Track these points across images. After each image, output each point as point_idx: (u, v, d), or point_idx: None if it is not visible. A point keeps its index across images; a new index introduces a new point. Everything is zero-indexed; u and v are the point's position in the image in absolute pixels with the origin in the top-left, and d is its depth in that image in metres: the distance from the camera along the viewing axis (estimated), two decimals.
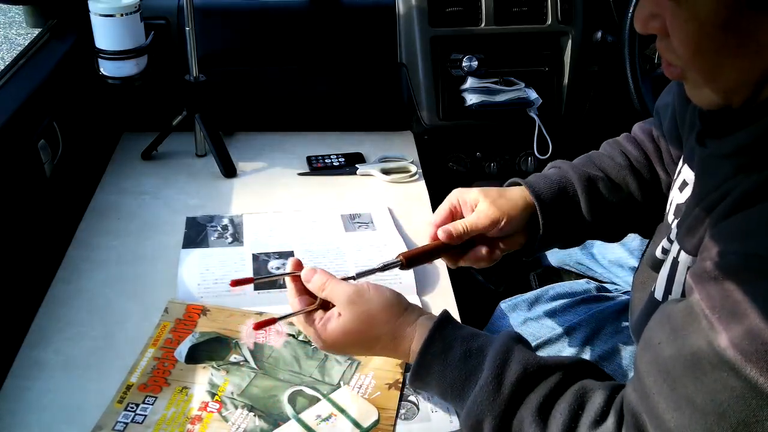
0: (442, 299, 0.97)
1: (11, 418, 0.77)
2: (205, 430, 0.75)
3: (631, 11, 1.33)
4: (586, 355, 0.97)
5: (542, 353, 0.99)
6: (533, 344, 1.01)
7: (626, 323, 0.98)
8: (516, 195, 0.87)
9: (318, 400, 0.80)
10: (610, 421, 0.60)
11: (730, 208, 0.57)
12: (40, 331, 0.89)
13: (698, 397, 0.51)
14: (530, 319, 1.04)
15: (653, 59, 1.44)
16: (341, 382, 0.82)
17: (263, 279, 0.94)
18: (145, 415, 0.76)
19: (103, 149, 1.31)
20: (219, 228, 1.08)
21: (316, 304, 0.77)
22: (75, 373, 0.83)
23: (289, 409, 0.78)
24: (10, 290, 0.91)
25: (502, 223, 0.84)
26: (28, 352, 0.86)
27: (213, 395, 0.79)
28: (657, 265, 0.75)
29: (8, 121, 0.95)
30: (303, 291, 0.78)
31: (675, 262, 0.68)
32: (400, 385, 0.82)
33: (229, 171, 1.25)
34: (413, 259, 0.83)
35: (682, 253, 0.66)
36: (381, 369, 0.84)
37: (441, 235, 0.84)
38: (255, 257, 1.01)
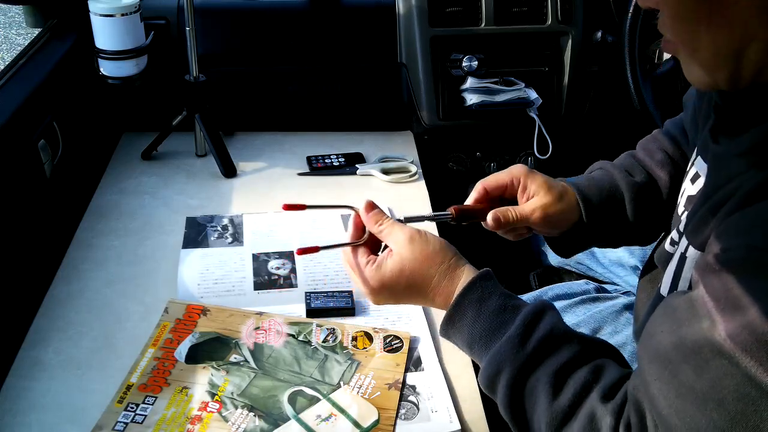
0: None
1: (11, 418, 0.77)
2: (205, 430, 0.75)
3: (631, 11, 1.33)
4: None
5: None
6: None
7: (625, 323, 0.98)
8: (572, 204, 0.86)
9: (318, 400, 0.80)
10: (619, 398, 0.61)
11: (737, 205, 0.58)
12: (40, 331, 0.89)
13: (698, 385, 0.52)
14: None
15: (653, 59, 1.44)
16: (341, 382, 0.82)
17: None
18: (145, 415, 0.76)
19: (103, 149, 1.31)
20: (219, 228, 1.08)
21: (363, 239, 0.76)
22: (75, 373, 0.83)
23: (289, 409, 0.78)
24: (10, 290, 0.91)
25: (552, 226, 0.85)
26: (28, 352, 0.86)
27: (213, 395, 0.79)
28: (666, 259, 0.74)
29: (8, 121, 0.95)
30: (360, 229, 0.78)
31: (683, 258, 0.68)
32: (400, 385, 0.82)
33: (229, 171, 1.25)
34: (463, 216, 0.83)
35: (691, 248, 0.66)
36: (381, 369, 0.84)
37: (490, 219, 0.83)
38: (255, 257, 1.01)
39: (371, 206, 0.77)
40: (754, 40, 0.55)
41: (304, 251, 0.74)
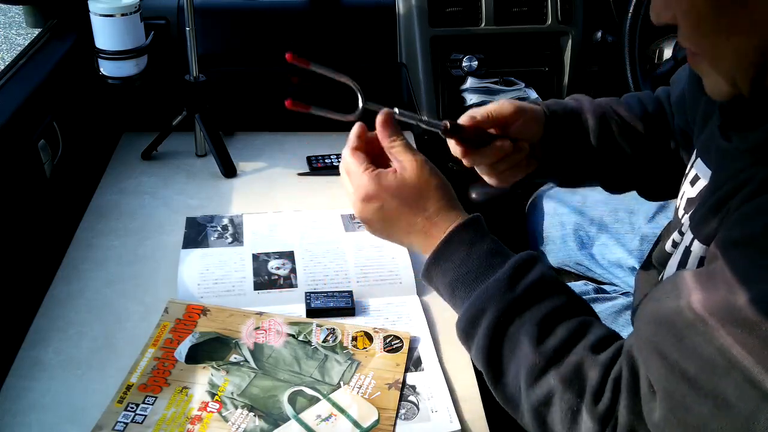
0: (443, 299, 0.97)
1: (11, 418, 0.77)
2: (205, 430, 0.75)
3: (631, 11, 1.33)
4: None
5: None
6: None
7: (624, 324, 0.99)
8: (539, 112, 0.86)
9: (318, 400, 0.80)
10: (609, 352, 0.61)
11: (746, 197, 0.58)
12: (40, 331, 0.89)
13: (690, 357, 0.53)
14: None
15: (653, 59, 1.44)
16: (341, 382, 0.82)
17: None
18: (145, 415, 0.76)
19: (103, 149, 1.31)
20: (219, 228, 1.08)
21: (357, 117, 0.74)
22: (75, 373, 0.83)
23: (289, 409, 0.78)
24: (10, 290, 0.91)
25: (527, 114, 0.83)
26: (28, 352, 0.86)
27: (213, 395, 0.79)
28: (665, 259, 0.74)
29: (8, 121, 0.95)
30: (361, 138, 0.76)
31: (687, 251, 0.68)
32: (400, 385, 0.82)
33: (229, 171, 1.25)
34: (456, 128, 0.81)
35: (696, 242, 0.66)
36: (381, 369, 0.84)
37: (464, 118, 0.82)
38: (255, 257, 1.01)
39: (389, 119, 0.74)
40: None
41: (294, 105, 0.73)
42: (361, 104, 0.75)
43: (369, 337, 0.89)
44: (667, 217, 1.12)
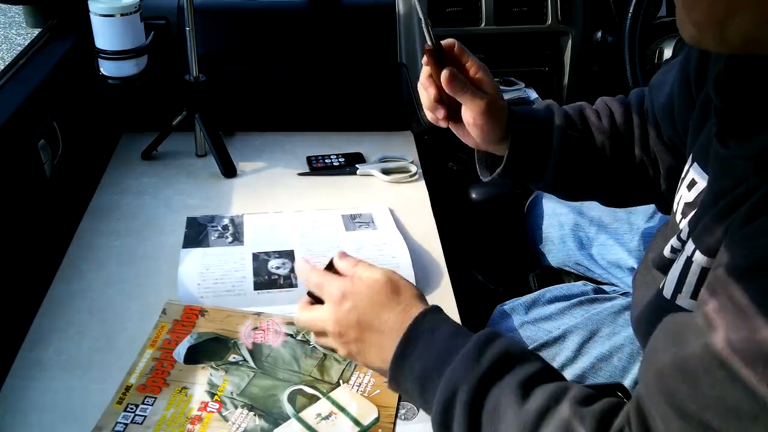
0: (442, 299, 0.97)
1: (11, 418, 0.77)
2: (205, 430, 0.75)
3: (631, 11, 1.33)
4: (583, 358, 0.97)
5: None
6: (530, 347, 1.01)
7: (623, 324, 0.98)
8: (504, 108, 0.88)
9: (318, 398, 0.80)
10: (599, 406, 0.58)
11: (749, 212, 0.57)
12: (40, 331, 0.89)
13: (695, 401, 0.50)
14: (527, 322, 1.04)
15: (653, 59, 1.44)
16: (340, 381, 0.82)
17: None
18: (145, 416, 0.76)
19: (103, 149, 1.31)
20: (219, 228, 1.09)
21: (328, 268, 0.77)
22: (75, 373, 0.83)
23: (289, 408, 0.78)
24: (10, 290, 0.91)
25: (491, 116, 0.85)
26: (28, 352, 0.86)
27: (212, 395, 0.79)
28: (664, 265, 0.74)
29: (8, 121, 0.95)
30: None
31: (689, 261, 0.67)
32: None
33: (229, 171, 1.25)
34: (439, 50, 0.83)
35: (698, 253, 0.65)
36: None
37: (444, 75, 0.83)
38: (255, 256, 1.02)
39: (344, 254, 0.77)
40: (741, 8, 0.53)
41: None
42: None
43: None
44: (666, 216, 1.12)
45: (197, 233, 1.07)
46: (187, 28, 1.18)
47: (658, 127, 0.90)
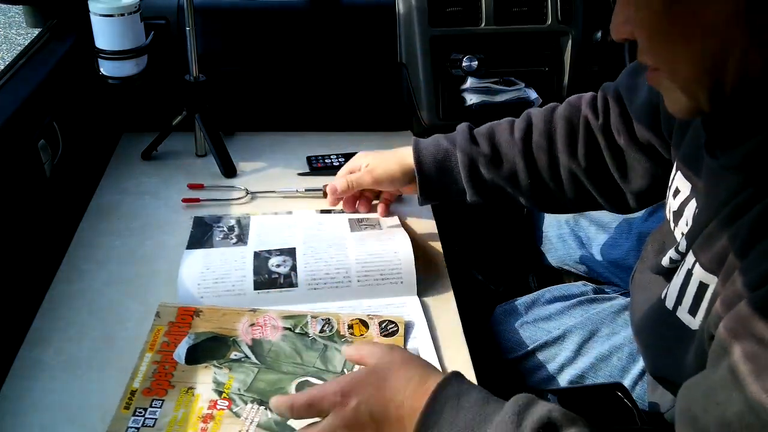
0: (442, 299, 0.97)
1: (11, 418, 0.77)
2: (218, 428, 0.75)
3: None
4: (583, 358, 0.97)
5: (539, 356, 1.00)
6: (529, 348, 1.01)
7: (623, 325, 0.98)
8: (403, 159, 1.02)
9: None
10: None
11: (751, 232, 0.56)
12: (40, 331, 0.89)
13: None
14: (527, 323, 1.04)
15: None
16: (344, 369, 0.83)
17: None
18: (155, 419, 0.76)
19: (103, 149, 1.31)
20: (225, 229, 1.07)
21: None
22: (76, 373, 0.83)
23: None
24: (10, 290, 0.91)
25: (384, 183, 1.03)
26: (29, 352, 0.86)
27: (220, 393, 0.79)
28: (664, 272, 0.74)
29: (8, 121, 0.95)
30: None
31: (689, 274, 0.67)
32: None
33: (229, 171, 1.25)
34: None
35: (698, 266, 0.65)
36: None
37: (328, 189, 1.04)
38: (256, 255, 1.00)
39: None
40: (732, 48, 0.54)
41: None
42: None
43: (365, 324, 0.89)
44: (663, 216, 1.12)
45: (203, 233, 1.06)
46: (187, 28, 1.18)
47: (631, 129, 0.90)
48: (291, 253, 1.01)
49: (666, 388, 0.77)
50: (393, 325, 0.89)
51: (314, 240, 1.04)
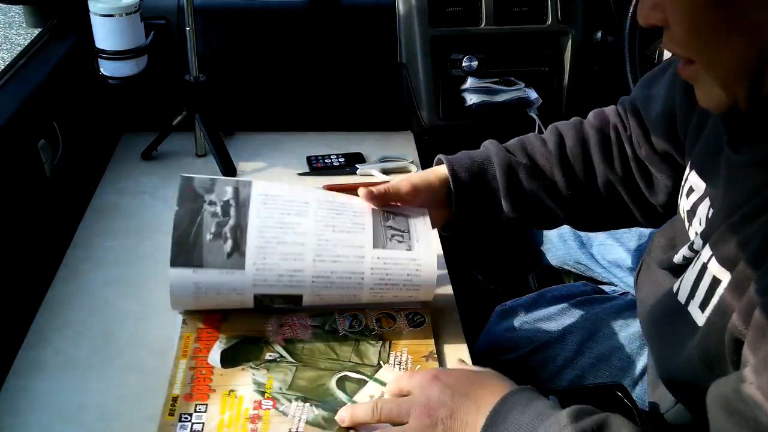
0: (442, 299, 0.97)
1: (11, 418, 0.77)
2: (268, 428, 0.75)
3: (631, 11, 1.33)
4: (583, 358, 0.97)
5: (538, 356, 0.99)
6: (529, 348, 1.01)
7: (623, 325, 0.98)
8: (438, 170, 0.94)
9: (365, 382, 0.80)
10: None
11: None
12: (40, 331, 0.89)
13: None
14: (527, 322, 1.04)
15: (653, 59, 1.44)
16: (380, 362, 0.83)
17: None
18: (203, 423, 0.75)
19: (103, 149, 1.31)
20: (219, 211, 0.93)
21: None
22: (75, 373, 0.83)
23: (342, 395, 0.79)
24: (10, 290, 0.91)
25: (421, 195, 0.91)
26: (28, 352, 0.86)
27: (263, 393, 0.79)
28: (675, 269, 0.73)
29: (8, 121, 0.95)
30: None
31: (703, 267, 0.66)
32: (436, 355, 0.84)
33: (229, 171, 1.25)
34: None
35: (713, 260, 0.64)
36: (412, 344, 0.86)
37: (361, 192, 0.88)
38: (258, 301, 0.85)
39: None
40: None
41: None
42: None
43: (392, 317, 0.89)
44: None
45: (190, 219, 0.87)
46: (187, 28, 1.18)
47: (650, 141, 0.89)
48: (297, 301, 0.86)
49: (668, 386, 0.77)
50: (420, 316, 0.89)
51: (326, 249, 0.86)
